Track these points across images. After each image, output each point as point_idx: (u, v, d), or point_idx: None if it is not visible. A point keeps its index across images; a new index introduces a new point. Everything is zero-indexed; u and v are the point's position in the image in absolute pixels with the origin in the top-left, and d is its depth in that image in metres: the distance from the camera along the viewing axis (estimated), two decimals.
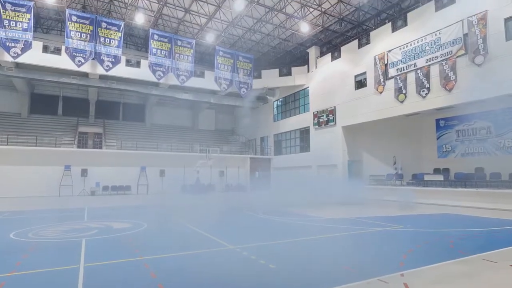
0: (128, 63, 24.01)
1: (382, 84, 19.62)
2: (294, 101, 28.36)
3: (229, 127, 35.36)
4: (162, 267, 5.38)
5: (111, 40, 22.14)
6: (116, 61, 22.33)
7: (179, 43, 24.60)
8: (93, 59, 21.81)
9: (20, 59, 19.99)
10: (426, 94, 17.10)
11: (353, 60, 22.14)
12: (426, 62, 17.24)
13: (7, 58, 19.75)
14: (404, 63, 18.46)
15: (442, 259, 5.67)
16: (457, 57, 15.87)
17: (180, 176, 24.76)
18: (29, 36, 19.86)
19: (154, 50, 23.61)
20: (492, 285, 4.45)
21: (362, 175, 21.03)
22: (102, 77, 23.92)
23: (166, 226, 9.89)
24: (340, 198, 16.33)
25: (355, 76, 21.86)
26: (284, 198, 16.54)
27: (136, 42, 30.10)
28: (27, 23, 19.79)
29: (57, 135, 24.37)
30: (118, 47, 22.36)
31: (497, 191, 13.91)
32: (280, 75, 27.62)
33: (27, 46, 19.81)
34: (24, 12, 19.70)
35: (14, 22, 19.45)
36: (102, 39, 21.81)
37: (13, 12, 19.45)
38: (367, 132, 21.21)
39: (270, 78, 27.88)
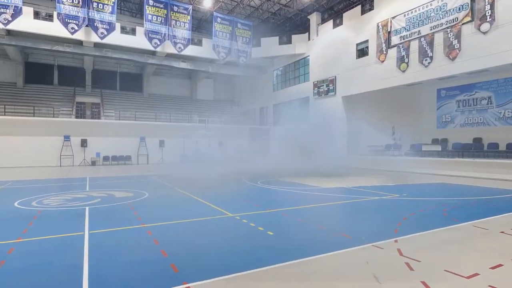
0: (123, 30, 23.30)
1: (384, 52, 19.20)
2: (294, 70, 27.88)
3: (228, 97, 35.04)
4: (164, 234, 5.56)
5: (105, 6, 21.30)
6: (110, 28, 21.62)
7: (175, 9, 23.70)
8: (87, 26, 21.11)
9: (10, 26, 19.37)
10: (429, 63, 16.79)
11: (355, 28, 21.50)
12: (431, 29, 16.76)
13: None
14: (407, 30, 17.94)
15: (435, 226, 5.86)
16: (462, 24, 15.42)
17: (179, 146, 24.92)
18: (19, 1, 19.08)
19: (149, 17, 22.80)
20: (480, 249, 4.64)
21: (361, 145, 21.16)
22: (97, 45, 23.31)
23: (166, 195, 10.09)
24: (337, 168, 16.52)
25: (357, 45, 21.35)
26: (282, 167, 16.75)
27: (131, 7, 28.98)
28: None
29: (54, 105, 24.17)
30: (112, 13, 21.57)
31: (493, 161, 14.10)
32: (280, 43, 26.93)
33: (17, 12, 19.09)
34: None
35: None
36: (95, 4, 20.97)
37: None
38: (366, 102, 21.05)
39: (270, 46, 27.19)
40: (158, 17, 23.07)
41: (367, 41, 20.54)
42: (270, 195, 10.40)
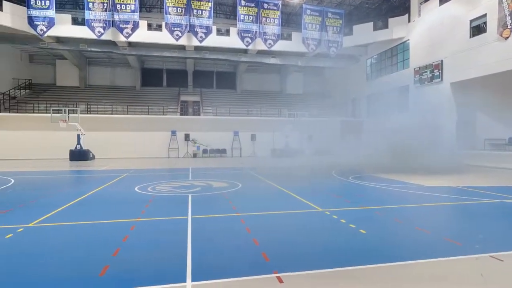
0: (219, 32, 25.00)
1: (509, 27, 15.98)
2: (390, 57, 25.59)
3: (318, 89, 34.35)
4: (256, 223, 5.83)
5: (203, 12, 23.20)
6: (208, 31, 23.47)
7: (265, 6, 24.26)
8: (188, 31, 23.39)
9: (131, 38, 22.80)
10: None
11: (468, 1, 18.44)
12: None
13: (121, 38, 22.74)
14: None
15: None
16: None
17: (270, 140, 25.65)
18: (136, 16, 22.32)
19: (242, 17, 23.90)
20: None
21: (475, 139, 18.19)
22: (197, 49, 25.63)
23: (258, 187, 10.54)
24: (444, 164, 14.55)
25: (471, 21, 18.30)
26: (377, 162, 15.64)
27: (225, 10, 30.89)
28: (134, 4, 22.18)
29: (164, 104, 27.68)
30: (209, 17, 23.36)
31: None
32: (375, 29, 24.99)
33: (135, 26, 22.36)
34: None
35: (124, 5, 22.04)
36: (195, 11, 23.03)
37: None
38: (483, 88, 17.86)
39: (363, 33, 25.50)
40: (250, 16, 24.02)
41: (484, 15, 17.38)
42: (363, 191, 9.84)
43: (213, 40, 24.41)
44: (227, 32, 25.14)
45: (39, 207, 7.30)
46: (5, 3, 20.72)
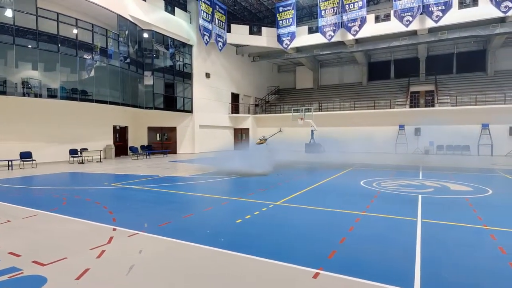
0: (461, 5, 20.84)
1: None
2: None
3: None
4: None
5: None
6: (447, 7, 20.12)
7: None
8: (421, 13, 21.02)
9: (358, 35, 23.26)
10: None
11: None
12: None
13: (349, 37, 23.65)
14: None
15: None
16: None
17: None
18: (364, 12, 22.49)
19: None
20: None
21: None
22: (431, 31, 22.61)
23: None
24: None
25: None
26: None
27: None
28: (362, 0, 22.40)
29: (391, 97, 26.41)
30: None
31: None
32: None
33: (363, 22, 22.59)
34: None
35: (352, 4, 22.75)
36: None
37: None
38: None
39: None
40: None
41: None
42: None
43: (454, 16, 20.59)
44: (474, 2, 20.43)
45: (284, 189, 8.98)
46: (263, 29, 26.80)
